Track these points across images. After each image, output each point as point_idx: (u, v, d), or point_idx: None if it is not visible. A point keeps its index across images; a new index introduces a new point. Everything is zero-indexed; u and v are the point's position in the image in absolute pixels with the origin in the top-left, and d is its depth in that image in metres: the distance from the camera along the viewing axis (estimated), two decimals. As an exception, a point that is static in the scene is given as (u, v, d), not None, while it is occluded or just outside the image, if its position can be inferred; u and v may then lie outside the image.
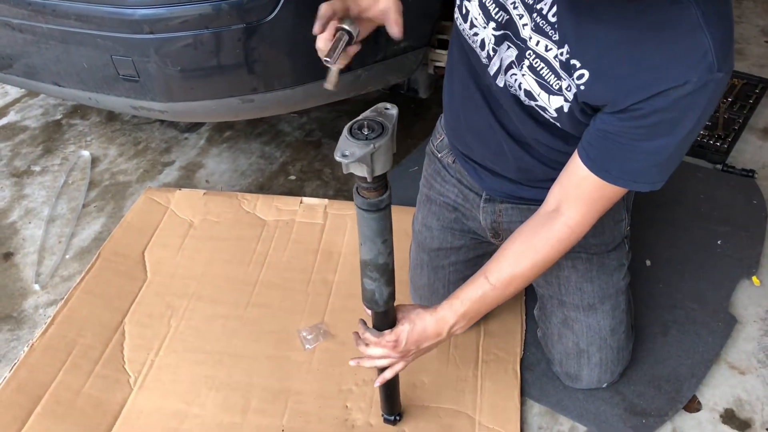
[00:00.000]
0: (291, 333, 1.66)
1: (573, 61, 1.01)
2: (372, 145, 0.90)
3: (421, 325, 1.19)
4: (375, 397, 1.45)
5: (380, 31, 1.75)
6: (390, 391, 1.38)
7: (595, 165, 1.07)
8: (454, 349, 1.61)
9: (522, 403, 1.52)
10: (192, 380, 1.56)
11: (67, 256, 1.93)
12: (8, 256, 1.93)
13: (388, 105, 0.96)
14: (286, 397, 1.52)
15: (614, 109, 1.01)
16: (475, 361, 1.59)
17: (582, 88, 1.02)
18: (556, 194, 1.15)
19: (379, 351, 1.21)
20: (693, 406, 1.52)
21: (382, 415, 1.45)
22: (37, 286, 1.83)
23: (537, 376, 1.57)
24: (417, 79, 2.12)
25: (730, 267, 1.83)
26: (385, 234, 1.05)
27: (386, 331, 1.18)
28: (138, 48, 1.51)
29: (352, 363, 1.25)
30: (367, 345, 1.21)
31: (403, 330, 1.18)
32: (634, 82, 0.96)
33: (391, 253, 1.09)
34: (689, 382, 1.55)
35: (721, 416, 1.50)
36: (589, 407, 1.50)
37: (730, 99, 2.45)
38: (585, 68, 1.00)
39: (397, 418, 1.45)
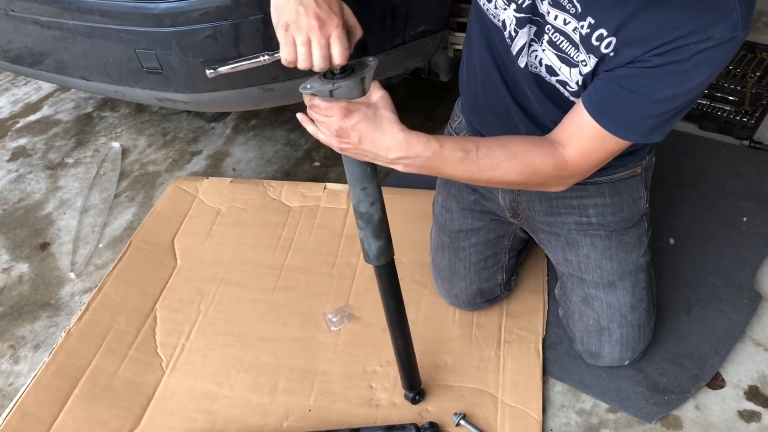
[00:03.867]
0: (317, 315, 1.70)
1: (600, 31, 1.02)
2: (332, 83, 0.97)
3: (386, 123, 1.02)
4: (399, 378, 1.48)
5: (398, 16, 1.77)
6: (407, 362, 1.41)
7: (597, 110, 1.07)
8: (477, 329, 1.64)
9: (544, 382, 1.53)
10: (222, 362, 1.61)
11: (100, 245, 1.99)
12: (45, 246, 2.00)
13: (371, 58, 1.01)
14: (312, 378, 1.56)
15: (630, 58, 1.02)
16: (497, 340, 1.61)
17: (611, 54, 1.03)
18: (558, 134, 1.15)
19: (322, 115, 1.01)
20: (716, 383, 1.52)
21: (405, 393, 1.48)
22: (72, 275, 1.89)
23: (559, 355, 1.58)
24: (437, 62, 2.13)
25: (755, 244, 1.82)
26: (364, 181, 1.09)
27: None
28: (160, 41, 1.54)
29: (299, 116, 1.07)
30: (313, 109, 1.02)
31: (362, 110, 1.00)
32: (660, 38, 0.98)
33: (374, 204, 1.12)
34: (713, 359, 1.55)
35: (745, 393, 1.50)
36: (611, 385, 1.51)
37: (758, 73, 2.41)
38: (612, 35, 1.02)
39: (417, 397, 1.47)
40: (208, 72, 0.97)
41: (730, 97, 2.29)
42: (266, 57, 0.98)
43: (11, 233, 2.05)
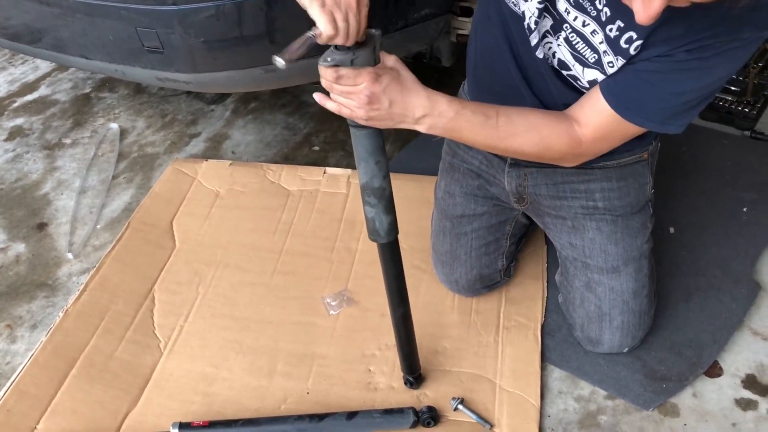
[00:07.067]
0: (315, 299, 1.70)
1: (629, 34, 1.03)
2: (352, 53, 0.98)
3: (410, 82, 1.05)
4: (397, 362, 1.48)
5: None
6: (408, 346, 1.41)
7: (616, 100, 1.09)
8: (476, 315, 1.63)
9: (543, 368, 1.54)
10: (220, 345, 1.60)
11: (98, 226, 1.98)
12: (42, 226, 1.99)
13: (373, 29, 1.01)
14: (311, 361, 1.56)
15: (656, 53, 1.03)
16: (496, 327, 1.61)
17: (633, 53, 1.05)
18: (575, 112, 1.16)
19: (349, 85, 1.00)
20: (714, 371, 1.52)
21: (404, 377, 1.48)
22: (70, 255, 1.88)
23: (558, 342, 1.59)
24: (440, 47, 2.12)
25: (755, 234, 1.82)
26: (377, 154, 1.09)
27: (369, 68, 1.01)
28: (162, 20, 1.53)
29: (315, 96, 1.05)
30: (340, 81, 1.00)
31: (388, 73, 1.02)
32: (689, 36, 0.99)
33: (386, 177, 1.12)
34: (711, 348, 1.55)
35: (742, 381, 1.51)
36: (610, 372, 1.52)
37: (760, 64, 2.40)
38: (642, 39, 1.03)
39: (416, 381, 1.47)
40: (279, 61, 0.94)
41: (732, 88, 2.29)
42: (311, 34, 0.95)
43: (8, 213, 2.04)
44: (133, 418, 1.46)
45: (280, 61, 0.94)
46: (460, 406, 1.44)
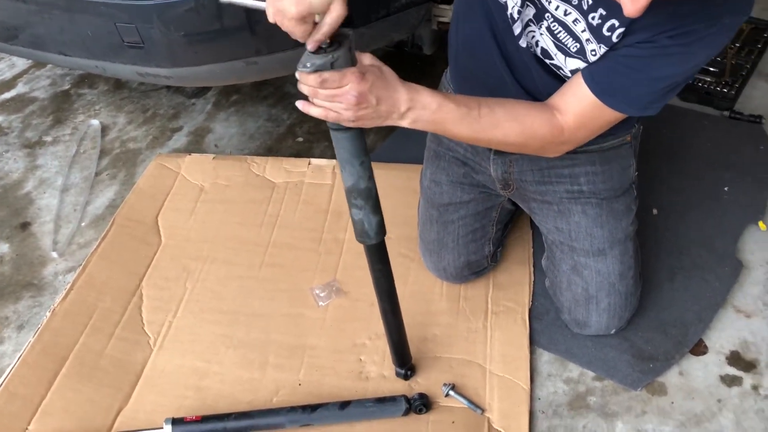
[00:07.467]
0: (304, 291, 1.70)
1: (611, 21, 1.04)
2: (331, 55, 0.96)
3: (392, 78, 1.04)
4: (388, 351, 1.49)
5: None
6: (398, 341, 1.42)
7: (598, 87, 1.10)
8: (464, 301, 1.65)
9: (532, 352, 1.55)
10: (210, 339, 1.60)
11: (82, 224, 1.97)
12: (26, 225, 1.97)
13: (345, 29, 0.99)
14: (302, 353, 1.57)
15: (638, 40, 1.04)
16: (484, 312, 1.62)
17: (615, 40, 1.06)
18: (556, 101, 1.17)
19: (334, 88, 0.97)
20: (699, 349, 1.55)
21: (396, 370, 1.49)
22: (55, 254, 1.87)
23: (546, 325, 1.60)
24: (421, 35, 2.11)
25: (737, 213, 1.84)
26: (361, 155, 1.09)
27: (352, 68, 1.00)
28: (141, 14, 1.52)
29: (298, 105, 1.03)
30: (324, 86, 0.97)
31: (371, 70, 1.01)
32: (672, 22, 1.00)
33: (371, 177, 1.12)
34: (696, 326, 1.58)
35: (726, 358, 1.53)
36: (598, 354, 1.54)
37: (737, 44, 2.42)
38: (624, 26, 1.04)
39: (409, 372, 1.48)
40: None
41: (711, 69, 2.31)
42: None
43: (-10, 213, 2.02)
44: (125, 415, 1.46)
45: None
46: (451, 392, 1.45)
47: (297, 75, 0.98)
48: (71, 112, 2.41)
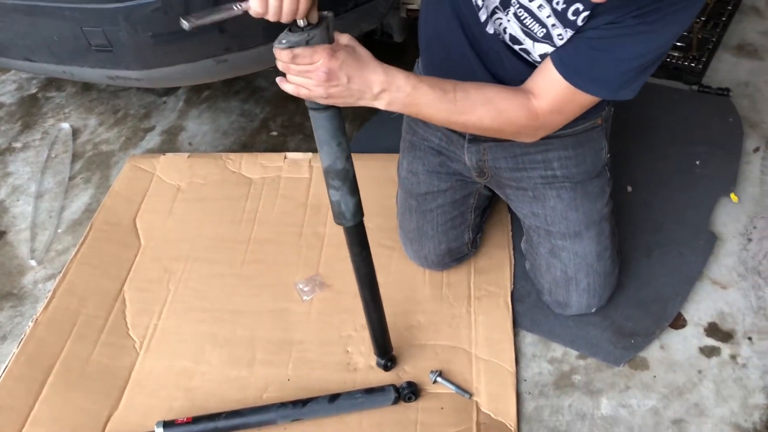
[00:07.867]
0: (288, 286, 1.71)
1: (575, 6, 1.05)
2: (306, 34, 0.98)
3: (366, 58, 1.04)
4: (374, 341, 1.51)
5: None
6: (379, 330, 1.43)
7: (567, 70, 1.11)
8: (447, 288, 1.66)
9: (515, 334, 1.58)
10: (196, 339, 1.60)
11: (59, 230, 1.95)
12: (1, 234, 1.95)
13: (326, 12, 1.01)
14: (289, 348, 1.57)
15: (604, 22, 1.05)
16: (467, 297, 1.64)
17: (581, 24, 1.07)
18: (530, 85, 1.18)
19: (306, 63, 0.99)
20: (678, 323, 1.58)
21: (377, 360, 1.50)
22: (33, 262, 1.85)
23: (528, 307, 1.63)
24: (390, 23, 2.12)
25: (709, 186, 1.88)
26: (338, 136, 1.10)
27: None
28: (107, 17, 1.50)
29: (277, 80, 1.04)
30: (296, 61, 0.99)
31: (344, 49, 1.02)
32: (635, 4, 1.01)
33: (349, 158, 1.14)
34: (674, 300, 1.61)
35: (705, 330, 1.57)
36: (580, 333, 1.57)
37: (703, 18, 2.45)
38: (588, 9, 1.05)
39: (389, 363, 1.49)
40: (184, 23, 0.92)
41: (678, 43, 2.33)
42: (238, 7, 0.94)
43: (-36, 224, 1.99)
44: (116, 421, 1.46)
45: (185, 24, 0.93)
46: (438, 379, 1.47)
47: (273, 51, 1.00)
48: (40, 117, 2.37)
